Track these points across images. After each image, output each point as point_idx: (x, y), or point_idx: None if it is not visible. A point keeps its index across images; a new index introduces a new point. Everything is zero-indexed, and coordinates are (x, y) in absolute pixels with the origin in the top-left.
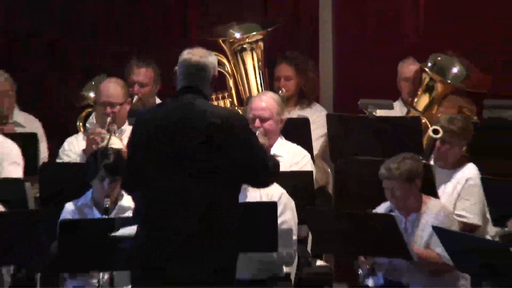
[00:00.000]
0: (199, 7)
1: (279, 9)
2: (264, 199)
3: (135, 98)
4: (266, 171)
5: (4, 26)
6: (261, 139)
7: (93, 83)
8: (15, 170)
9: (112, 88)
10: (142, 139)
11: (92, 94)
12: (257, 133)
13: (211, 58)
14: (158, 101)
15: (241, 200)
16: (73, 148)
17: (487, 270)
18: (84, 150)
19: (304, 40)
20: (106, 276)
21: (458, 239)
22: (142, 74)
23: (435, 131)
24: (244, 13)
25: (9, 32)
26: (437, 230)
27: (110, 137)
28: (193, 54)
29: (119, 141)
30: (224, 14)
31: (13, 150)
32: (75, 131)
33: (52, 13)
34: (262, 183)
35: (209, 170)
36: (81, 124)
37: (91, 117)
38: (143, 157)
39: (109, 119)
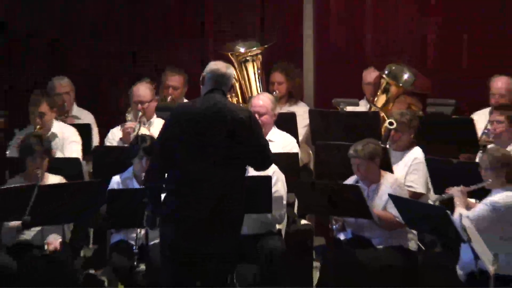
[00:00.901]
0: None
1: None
2: (261, 173)
3: (169, 98)
4: (269, 159)
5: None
6: None
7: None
8: (75, 146)
9: (142, 89)
10: (175, 130)
11: None
12: None
13: (231, 70)
14: (185, 100)
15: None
16: (115, 137)
17: (429, 226)
18: (121, 139)
19: (292, 52)
20: (143, 231)
21: (408, 204)
22: (175, 80)
23: (390, 123)
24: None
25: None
26: (392, 197)
27: (139, 128)
28: (221, 66)
29: (146, 131)
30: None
31: (71, 132)
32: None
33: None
34: (264, 167)
35: (231, 156)
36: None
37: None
38: (176, 145)
39: (140, 113)
